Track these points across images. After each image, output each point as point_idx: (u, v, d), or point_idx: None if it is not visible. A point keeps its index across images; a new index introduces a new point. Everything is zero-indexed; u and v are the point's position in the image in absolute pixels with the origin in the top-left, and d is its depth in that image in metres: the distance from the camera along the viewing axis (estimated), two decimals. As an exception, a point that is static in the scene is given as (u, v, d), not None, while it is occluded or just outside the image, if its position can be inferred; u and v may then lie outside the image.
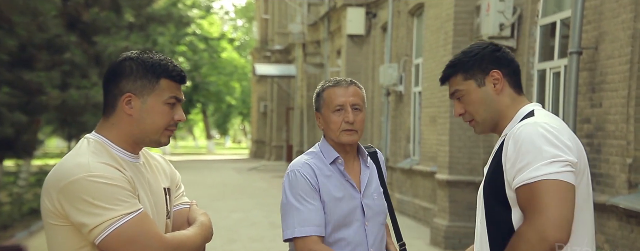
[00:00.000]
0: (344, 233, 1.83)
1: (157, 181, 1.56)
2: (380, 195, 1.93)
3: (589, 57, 4.65)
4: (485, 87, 1.61)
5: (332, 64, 13.36)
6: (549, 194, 1.43)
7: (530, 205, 1.45)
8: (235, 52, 32.32)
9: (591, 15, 4.63)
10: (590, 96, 4.64)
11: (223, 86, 29.38)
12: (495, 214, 1.55)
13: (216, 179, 15.10)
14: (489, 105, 1.61)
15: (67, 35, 7.57)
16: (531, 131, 1.48)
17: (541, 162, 1.44)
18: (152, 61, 1.48)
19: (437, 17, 7.32)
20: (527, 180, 1.45)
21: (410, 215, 8.64)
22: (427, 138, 7.97)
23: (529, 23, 5.75)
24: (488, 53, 1.62)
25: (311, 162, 1.87)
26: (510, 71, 1.63)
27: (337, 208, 1.84)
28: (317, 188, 1.83)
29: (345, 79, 1.92)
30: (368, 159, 1.95)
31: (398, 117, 9.41)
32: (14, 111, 6.75)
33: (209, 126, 35.94)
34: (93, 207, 1.35)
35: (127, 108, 1.47)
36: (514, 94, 1.62)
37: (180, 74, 1.51)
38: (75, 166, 1.39)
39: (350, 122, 1.84)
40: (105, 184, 1.37)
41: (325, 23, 13.67)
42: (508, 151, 1.50)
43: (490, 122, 1.63)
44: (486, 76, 1.61)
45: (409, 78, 9.01)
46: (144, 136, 1.49)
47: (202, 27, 28.53)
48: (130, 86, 1.47)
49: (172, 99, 1.49)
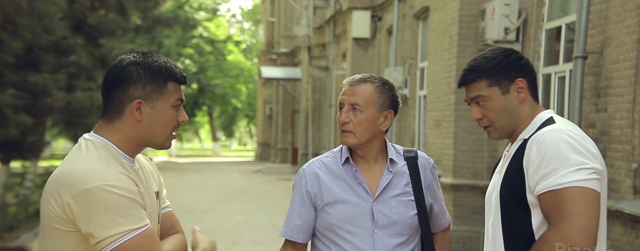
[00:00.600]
0: (348, 237, 1.74)
1: (149, 185, 1.54)
2: (402, 203, 1.77)
3: (594, 62, 4.63)
4: (509, 95, 1.60)
5: (337, 67, 13.37)
6: (577, 201, 1.43)
7: (556, 212, 1.44)
8: (241, 54, 32.41)
9: (596, 20, 4.61)
10: (596, 100, 4.61)
11: (229, 88, 29.44)
12: (513, 217, 1.54)
13: (221, 181, 15.12)
14: (510, 113, 1.60)
15: (73, 37, 7.61)
16: (556, 137, 1.49)
17: (568, 169, 1.44)
18: (158, 65, 1.47)
19: (442, 20, 7.31)
20: (553, 187, 1.45)
21: (414, 218, 8.61)
22: (431, 142, 7.95)
23: (534, 27, 5.74)
24: (514, 61, 1.61)
25: (324, 161, 1.81)
26: (532, 79, 1.64)
27: (338, 210, 1.75)
28: (314, 192, 1.78)
29: (362, 76, 1.80)
30: (398, 163, 1.80)
31: (403, 121, 9.39)
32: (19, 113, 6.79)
33: (215, 129, 36.02)
34: (104, 219, 1.33)
35: (136, 114, 1.45)
36: (533, 102, 1.63)
37: (184, 76, 1.51)
38: (91, 172, 1.35)
39: (341, 122, 1.77)
40: (121, 196, 1.35)
41: (330, 26, 13.69)
42: (531, 157, 1.50)
43: (508, 129, 1.62)
44: (511, 84, 1.60)
45: (414, 81, 9.00)
46: (151, 140, 1.47)
47: (208, 29, 28.64)
48: (139, 92, 1.45)
49: (178, 101, 1.49)
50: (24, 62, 7.16)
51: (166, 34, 18.62)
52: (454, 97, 6.60)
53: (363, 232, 1.74)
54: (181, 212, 9.18)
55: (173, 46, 22.73)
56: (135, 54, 1.49)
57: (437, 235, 1.90)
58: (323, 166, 1.80)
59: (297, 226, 1.79)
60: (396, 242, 1.76)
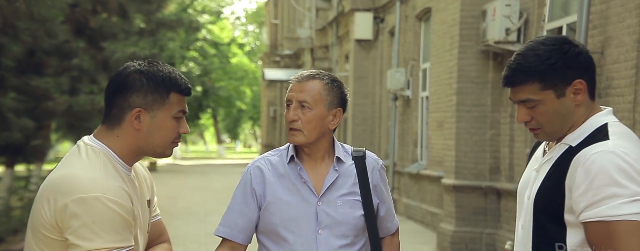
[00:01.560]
0: (289, 238, 1.68)
1: (143, 193, 1.52)
2: (348, 204, 1.71)
3: (595, 62, 4.61)
4: (564, 98, 1.41)
5: (340, 68, 13.37)
6: (633, 237, 1.29)
7: (605, 244, 1.32)
8: (245, 57, 32.48)
9: (597, 20, 4.60)
10: (597, 100, 4.59)
11: (233, 90, 29.50)
12: (546, 230, 1.43)
13: (224, 183, 15.15)
14: (565, 116, 1.42)
15: (76, 41, 7.65)
16: (608, 161, 1.32)
17: (621, 200, 1.30)
18: (162, 75, 1.45)
19: (444, 21, 7.31)
20: (605, 217, 1.31)
21: (417, 220, 8.60)
22: (434, 143, 7.93)
23: (536, 28, 5.72)
24: (572, 58, 1.40)
25: (270, 159, 1.75)
26: (591, 76, 1.44)
27: (282, 210, 1.69)
28: (259, 191, 1.71)
29: (310, 72, 1.74)
30: (345, 162, 1.74)
31: (406, 122, 9.38)
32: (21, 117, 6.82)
33: (220, 131, 36.09)
34: (89, 230, 1.31)
35: (135, 123, 1.43)
36: (590, 102, 1.45)
37: (188, 87, 1.49)
38: (89, 180, 1.33)
39: (288, 120, 1.70)
40: (113, 211, 1.33)
41: (333, 28, 13.70)
42: (576, 179, 1.35)
43: (559, 132, 1.45)
44: (568, 86, 1.41)
45: (416, 83, 8.99)
46: (150, 150, 1.46)
47: (212, 32, 28.71)
48: (140, 101, 1.43)
49: (180, 113, 1.47)
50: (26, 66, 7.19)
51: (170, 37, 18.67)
52: (455, 98, 6.59)
53: (306, 233, 1.68)
54: (184, 214, 9.19)
55: (177, 48, 22.80)
56: (141, 62, 1.48)
57: (385, 239, 1.83)
58: (269, 164, 1.73)
59: (237, 226, 1.71)
60: (341, 243, 1.70)
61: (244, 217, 1.71)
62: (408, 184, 9.12)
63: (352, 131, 11.64)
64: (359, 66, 11.54)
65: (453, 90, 6.65)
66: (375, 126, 11.35)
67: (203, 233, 7.52)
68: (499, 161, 6.42)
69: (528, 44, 1.47)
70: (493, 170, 6.44)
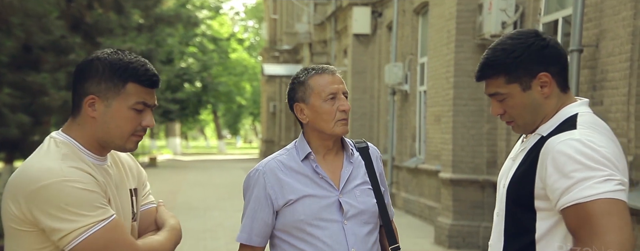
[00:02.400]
0: (316, 233, 1.70)
1: (123, 182, 1.51)
2: (365, 192, 1.76)
3: (590, 55, 4.60)
4: (531, 91, 1.44)
5: (338, 63, 13.36)
6: (607, 215, 1.29)
7: (585, 228, 1.31)
8: (245, 52, 32.45)
9: (592, 13, 4.58)
10: (591, 93, 4.59)
11: (233, 86, 29.50)
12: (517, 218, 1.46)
13: (225, 179, 15.17)
14: (534, 109, 1.45)
15: (72, 36, 7.64)
16: (573, 148, 1.34)
17: (593, 181, 1.31)
18: (120, 63, 1.40)
19: (441, 16, 7.29)
20: (579, 200, 1.31)
21: (416, 214, 8.61)
22: (432, 137, 7.94)
23: (532, 21, 5.71)
24: (536, 51, 1.42)
25: (280, 159, 1.75)
26: (559, 69, 1.45)
27: (306, 206, 1.70)
28: (274, 193, 1.71)
29: (329, 66, 1.76)
30: (354, 154, 1.79)
31: (404, 116, 9.38)
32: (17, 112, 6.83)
33: (220, 126, 36.10)
34: (66, 213, 1.31)
35: (90, 110, 1.41)
36: (560, 94, 1.46)
37: (150, 79, 1.42)
38: (46, 170, 1.33)
39: (347, 110, 1.71)
40: (79, 189, 1.32)
41: (331, 22, 13.67)
42: (548, 169, 1.36)
43: (532, 125, 1.48)
44: (533, 79, 1.43)
45: (414, 77, 8.99)
46: (108, 140, 1.43)
47: (212, 27, 28.67)
48: (94, 88, 1.40)
49: (140, 105, 1.42)
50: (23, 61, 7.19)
51: (168, 33, 18.64)
52: (452, 92, 6.58)
53: (333, 226, 1.71)
54: (184, 209, 9.21)
55: (176, 44, 22.77)
56: (109, 51, 1.44)
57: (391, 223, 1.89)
58: (281, 165, 1.74)
59: (254, 230, 1.73)
60: (365, 231, 1.75)
61: (259, 221, 1.73)
62: (406, 179, 9.13)
63: (350, 125, 11.59)
64: (357, 61, 11.53)
65: (450, 84, 6.64)
66: (373, 120, 11.35)
67: (202, 229, 7.54)
68: (496, 154, 6.42)
69: (499, 39, 1.50)
70: (490, 164, 6.45)
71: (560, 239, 1.41)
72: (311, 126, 1.74)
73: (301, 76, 1.76)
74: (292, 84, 1.77)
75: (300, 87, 1.74)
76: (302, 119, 1.75)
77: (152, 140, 27.99)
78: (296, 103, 1.75)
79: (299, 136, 1.80)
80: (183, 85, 24.45)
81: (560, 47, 1.48)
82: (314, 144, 1.76)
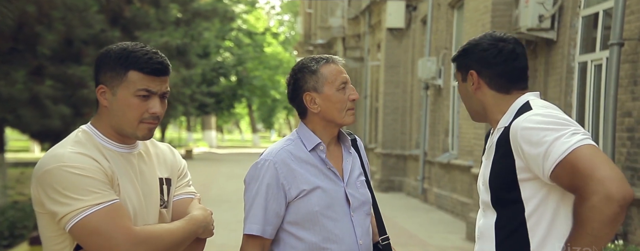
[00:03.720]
0: (328, 224, 1.67)
1: (152, 171, 1.55)
2: (363, 184, 1.77)
3: (631, 49, 4.45)
4: (466, 84, 1.63)
5: (372, 57, 13.30)
6: (590, 157, 1.39)
7: (576, 176, 1.39)
8: (280, 46, 32.63)
9: (634, 5, 4.43)
10: (632, 88, 4.44)
11: (268, 80, 29.72)
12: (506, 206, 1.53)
13: (258, 172, 15.30)
14: (469, 99, 1.64)
15: (111, 30, 7.84)
16: (535, 121, 1.47)
17: (564, 137, 1.42)
18: (123, 53, 1.45)
19: (476, 9, 7.16)
20: (560, 155, 1.40)
21: (448, 209, 8.52)
22: (465, 132, 7.83)
23: (571, 14, 5.55)
24: (477, 51, 1.60)
25: (289, 149, 1.71)
26: (493, 72, 1.58)
27: (320, 197, 1.68)
28: (288, 183, 1.67)
29: (334, 56, 1.76)
30: (350, 145, 1.79)
31: (437, 111, 9.28)
32: (58, 104, 7.06)
33: (255, 120, 36.46)
34: (62, 197, 1.38)
35: (102, 99, 1.48)
36: (497, 94, 1.59)
37: (152, 66, 1.45)
38: (51, 156, 1.42)
39: (356, 99, 1.71)
40: (75, 174, 1.38)
41: (365, 17, 13.61)
42: (525, 152, 1.46)
43: (475, 114, 1.66)
44: (466, 73, 1.63)
45: (448, 72, 8.87)
46: (120, 128, 1.48)
47: (248, 22, 28.93)
48: (102, 78, 1.47)
49: (143, 91, 1.45)
50: (65, 55, 7.43)
51: (205, 27, 18.91)
52: (486, 87, 6.47)
53: (342, 217, 1.70)
54: (216, 202, 9.37)
55: (212, 38, 23.08)
56: (123, 43, 1.50)
57: None
58: (291, 155, 1.70)
59: (266, 221, 1.67)
60: (368, 222, 1.76)
61: (272, 212, 1.67)
62: (439, 174, 9.04)
63: (382, 120, 11.58)
64: (390, 55, 11.45)
65: (484, 78, 6.53)
66: (406, 115, 11.26)
67: (234, 220, 7.67)
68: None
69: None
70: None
71: (549, 215, 1.49)
72: (321, 116, 1.71)
73: (311, 65, 1.72)
74: (299, 73, 1.73)
75: (311, 77, 1.70)
76: (313, 108, 1.71)
77: (188, 133, 28.52)
78: (307, 93, 1.71)
79: (300, 126, 1.76)
80: (219, 79, 24.78)
81: (508, 57, 1.59)
82: (319, 134, 1.72)
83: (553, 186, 1.49)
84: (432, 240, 6.75)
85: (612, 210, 1.35)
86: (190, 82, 15.45)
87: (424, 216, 8.31)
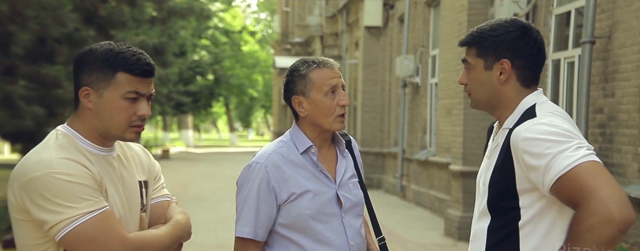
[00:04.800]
0: (318, 227, 1.68)
1: (131, 174, 1.51)
2: (356, 185, 1.77)
3: (602, 47, 4.57)
4: (491, 72, 1.51)
5: (350, 55, 13.34)
6: (594, 175, 1.33)
7: (577, 193, 1.34)
8: (257, 45, 32.50)
9: (605, 4, 4.54)
10: (603, 85, 4.56)
11: (245, 78, 29.58)
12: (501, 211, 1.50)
13: (236, 171, 15.11)
14: (489, 90, 1.53)
15: (85, 29, 7.71)
16: (538, 131, 1.41)
17: (567, 151, 1.36)
18: (110, 53, 1.41)
19: (452, 7, 7.26)
20: (562, 171, 1.35)
21: (426, 206, 8.62)
22: (443, 130, 7.93)
23: (544, 12, 5.67)
24: (510, 39, 1.49)
25: (280, 152, 1.71)
26: (525, 64, 1.51)
27: (311, 200, 1.68)
28: (279, 186, 1.67)
29: (329, 60, 1.73)
30: (344, 147, 1.79)
31: (415, 109, 9.37)
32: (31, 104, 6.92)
33: (232, 119, 36.26)
34: (53, 205, 1.33)
35: (86, 101, 1.43)
36: (521, 87, 1.52)
37: (141, 68, 1.41)
38: (37, 162, 1.36)
39: (346, 105, 1.69)
40: (67, 181, 1.34)
41: (343, 15, 13.65)
42: (526, 161, 1.41)
43: (485, 104, 1.56)
44: (496, 61, 1.50)
45: (425, 69, 8.96)
46: (106, 131, 1.44)
47: (224, 20, 28.73)
48: (87, 79, 1.42)
49: (132, 94, 1.42)
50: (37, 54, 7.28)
51: (181, 25, 18.72)
52: (463, 84, 6.56)
53: (333, 219, 1.70)
54: (195, 201, 9.30)
55: (188, 37, 22.86)
56: (104, 43, 1.45)
57: None
58: (282, 158, 1.69)
59: (257, 223, 1.67)
60: (358, 223, 1.76)
61: (262, 214, 1.67)
62: (417, 171, 9.14)
63: (361, 118, 11.64)
64: (368, 53, 11.51)
65: (461, 76, 6.62)
66: (384, 113, 11.34)
67: (213, 220, 7.63)
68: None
69: (496, 19, 1.59)
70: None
71: (544, 227, 1.45)
72: (309, 120, 1.71)
73: (301, 68, 1.71)
74: (290, 76, 1.73)
75: (300, 81, 1.70)
76: (300, 112, 1.72)
77: (165, 132, 28.21)
78: (295, 96, 1.71)
79: (293, 128, 1.76)
80: (195, 78, 24.55)
81: (538, 47, 1.54)
82: (310, 136, 1.73)
83: (553, 199, 1.44)
84: (411, 236, 6.82)
85: (610, 233, 1.30)
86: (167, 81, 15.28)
87: (402, 213, 8.38)
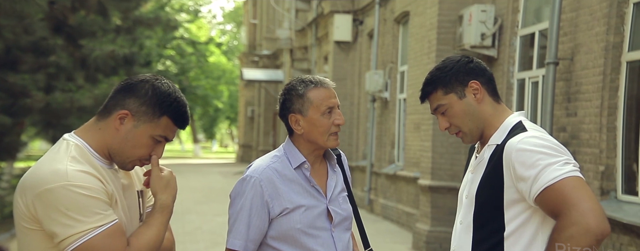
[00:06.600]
0: (308, 242, 1.73)
1: (131, 184, 1.56)
2: (345, 199, 1.83)
3: (565, 68, 4.78)
4: (466, 99, 1.64)
5: (319, 69, 13.45)
6: (577, 189, 1.46)
7: (560, 204, 1.46)
8: (223, 56, 32.32)
9: (567, 27, 4.77)
10: (566, 105, 4.77)
11: (210, 89, 29.34)
12: (486, 221, 1.59)
13: (201, 183, 15.09)
14: (472, 115, 1.65)
15: (54, 38, 7.55)
16: (532, 144, 1.53)
17: (556, 164, 1.49)
18: (167, 98, 1.49)
19: (422, 25, 7.45)
20: (548, 183, 1.47)
21: (393, 220, 8.73)
22: (411, 144, 8.08)
23: (510, 33, 5.89)
24: (462, 65, 1.66)
25: (274, 166, 1.75)
26: (486, 79, 1.67)
27: (303, 215, 1.73)
28: (271, 201, 1.72)
29: (326, 79, 1.81)
30: (335, 162, 1.85)
31: (383, 124, 9.51)
32: (-2, 113, 6.71)
33: (196, 130, 35.81)
34: (66, 218, 1.36)
35: (117, 123, 1.48)
36: (493, 102, 1.67)
37: (184, 121, 1.51)
38: (53, 172, 1.38)
39: (341, 124, 1.76)
40: (81, 195, 1.37)
41: (312, 29, 13.77)
42: (517, 171, 1.52)
43: (477, 131, 1.66)
44: (465, 87, 1.64)
45: (394, 85, 9.13)
46: (117, 155, 1.49)
47: (190, 31, 28.50)
48: (132, 106, 1.48)
49: (161, 138, 1.51)
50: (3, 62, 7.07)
51: (147, 35, 18.49)
52: (432, 100, 6.71)
53: (324, 233, 1.75)
54: (161, 214, 9.13)
55: (154, 47, 22.59)
56: (164, 80, 1.52)
57: None
58: (276, 173, 1.74)
59: (248, 237, 1.71)
60: (347, 237, 1.82)
61: (255, 229, 1.72)
62: (385, 185, 9.25)
63: (330, 131, 11.70)
64: (338, 68, 11.64)
65: (430, 93, 6.77)
66: (353, 127, 11.46)
67: (181, 232, 7.52)
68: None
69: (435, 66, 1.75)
70: (467, 171, 6.60)
71: (527, 238, 1.55)
72: (305, 137, 1.76)
73: (299, 87, 1.77)
74: (288, 95, 1.78)
75: (298, 100, 1.76)
76: (296, 130, 1.76)
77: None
78: (292, 114, 1.76)
79: (287, 143, 1.80)
80: (160, 88, 24.17)
81: (483, 65, 1.72)
82: (304, 152, 1.78)
83: (536, 210, 1.55)
84: (379, 249, 6.89)
85: (588, 242, 1.42)
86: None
87: (370, 227, 8.46)
